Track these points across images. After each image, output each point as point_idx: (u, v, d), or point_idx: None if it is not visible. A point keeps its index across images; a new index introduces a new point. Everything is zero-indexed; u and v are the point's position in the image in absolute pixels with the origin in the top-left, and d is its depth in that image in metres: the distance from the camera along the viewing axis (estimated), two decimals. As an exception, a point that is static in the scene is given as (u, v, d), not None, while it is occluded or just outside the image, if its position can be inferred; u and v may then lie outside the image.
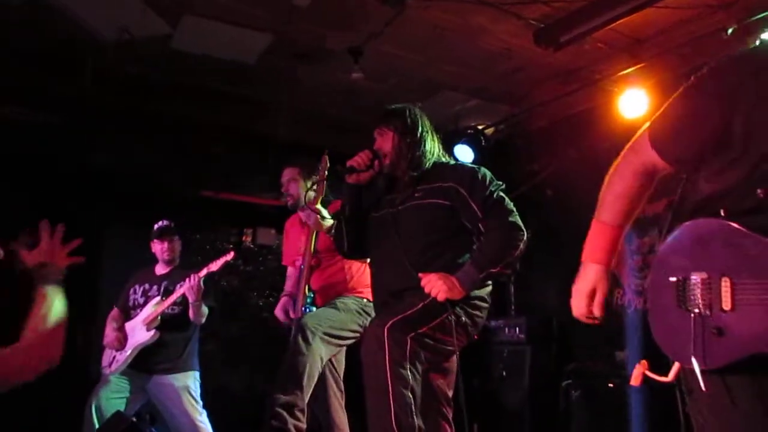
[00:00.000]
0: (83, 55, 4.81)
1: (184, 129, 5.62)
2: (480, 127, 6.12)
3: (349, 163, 2.78)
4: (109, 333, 4.17)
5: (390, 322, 2.42)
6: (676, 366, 1.48)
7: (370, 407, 2.44)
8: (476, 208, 2.60)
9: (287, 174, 3.62)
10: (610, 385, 4.55)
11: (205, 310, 4.12)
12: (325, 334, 3.08)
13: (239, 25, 4.50)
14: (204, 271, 4.00)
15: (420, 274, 2.54)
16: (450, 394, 2.74)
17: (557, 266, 3.04)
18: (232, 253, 4.09)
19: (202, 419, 4.13)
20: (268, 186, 5.93)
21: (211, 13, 4.36)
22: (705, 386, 1.41)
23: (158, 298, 4.19)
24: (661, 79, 4.75)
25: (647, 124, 1.65)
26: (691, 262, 1.47)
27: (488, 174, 2.69)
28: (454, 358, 2.71)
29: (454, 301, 2.52)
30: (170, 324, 4.14)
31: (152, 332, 4.05)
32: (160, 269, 4.38)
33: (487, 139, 6.15)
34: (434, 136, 2.84)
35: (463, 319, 2.59)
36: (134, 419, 3.83)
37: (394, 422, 2.31)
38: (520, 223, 2.64)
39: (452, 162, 2.86)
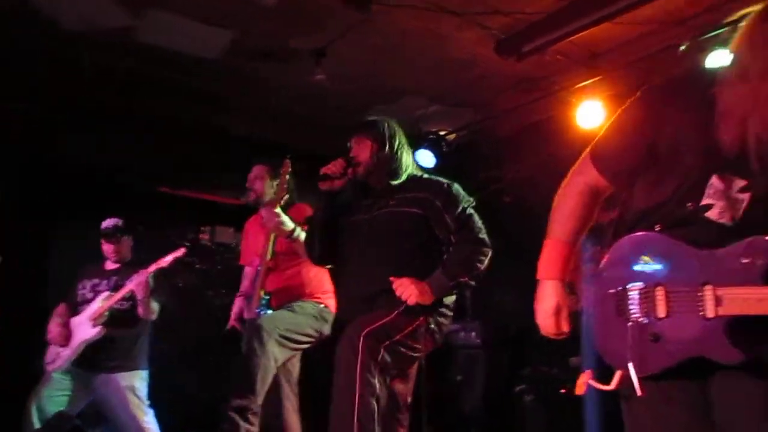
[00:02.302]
0: (40, 45, 4.71)
1: (142, 123, 5.53)
2: (442, 133, 6.19)
3: (323, 171, 2.84)
4: (53, 329, 4.05)
5: (366, 330, 2.50)
6: (618, 374, 1.54)
7: (335, 408, 2.51)
8: (450, 222, 2.73)
9: (256, 171, 3.63)
10: (563, 390, 4.64)
11: (155, 306, 4.04)
12: (281, 336, 3.08)
13: (203, 21, 4.47)
14: (153, 267, 3.92)
15: (392, 278, 2.61)
16: (409, 400, 2.78)
17: (514, 271, 3.12)
18: (183, 249, 4.03)
19: (148, 420, 4.05)
20: (228, 183, 5.89)
21: (174, 8, 4.32)
22: (641, 391, 1.48)
23: (107, 294, 4.09)
24: (618, 92, 4.87)
25: (590, 146, 1.75)
26: (628, 273, 1.56)
27: (461, 190, 2.82)
28: (417, 363, 2.80)
29: (425, 307, 2.61)
30: (119, 320, 4.05)
31: (98, 328, 3.95)
32: (111, 265, 4.29)
33: (449, 144, 6.23)
34: (408, 149, 2.94)
35: (432, 326, 2.69)
36: (78, 420, 3.75)
37: (356, 427, 2.38)
38: (487, 239, 2.78)
39: (425, 175, 2.95)
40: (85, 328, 3.99)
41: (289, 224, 3.15)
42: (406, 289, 2.58)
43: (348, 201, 2.94)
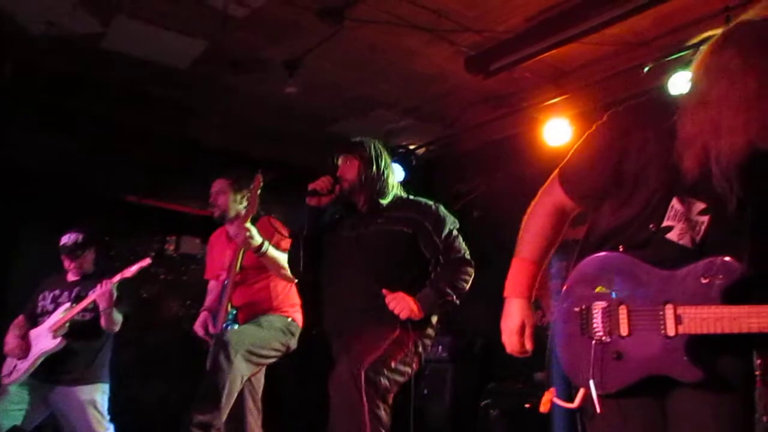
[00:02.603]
0: (5, 46, 4.63)
1: (110, 130, 5.46)
2: (411, 147, 6.23)
3: (311, 186, 2.88)
4: (11, 340, 3.91)
5: (366, 363, 2.56)
6: (581, 392, 1.57)
7: None
8: (438, 242, 2.82)
9: (217, 185, 3.56)
10: (528, 405, 4.67)
11: (118, 317, 3.92)
12: (248, 351, 3.04)
13: (173, 30, 4.44)
14: (117, 277, 3.83)
15: (384, 291, 2.68)
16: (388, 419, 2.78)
17: (483, 286, 3.17)
18: (148, 260, 3.93)
19: None
20: (195, 194, 5.83)
21: (144, 16, 4.29)
22: (600, 408, 1.51)
23: (68, 305, 3.97)
24: (584, 110, 4.97)
25: (558, 168, 1.79)
26: (593, 293, 1.59)
27: (447, 212, 2.92)
28: None
29: (415, 329, 2.68)
30: (80, 332, 3.93)
31: (58, 340, 3.82)
32: (73, 276, 4.18)
33: (418, 158, 6.27)
34: (393, 169, 3.02)
35: (420, 348, 2.77)
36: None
37: None
38: (471, 259, 2.88)
39: (411, 196, 3.04)
40: (44, 339, 3.88)
41: (258, 239, 3.12)
42: (400, 303, 2.64)
43: (332, 218, 2.99)
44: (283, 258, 3.25)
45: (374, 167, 2.90)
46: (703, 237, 1.49)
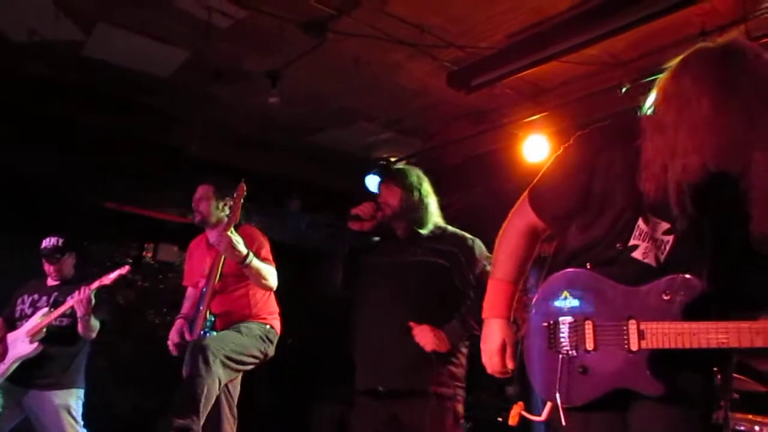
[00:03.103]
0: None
1: (91, 137, 5.43)
2: (392, 159, 6.27)
3: (354, 211, 2.99)
4: None
5: None
6: (548, 405, 1.60)
7: None
8: (472, 277, 2.89)
9: (200, 191, 3.56)
10: (500, 419, 4.70)
11: (95, 324, 3.93)
12: (226, 357, 3.03)
13: (156, 39, 4.45)
14: (96, 284, 3.83)
15: (411, 324, 2.77)
16: None
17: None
18: (127, 267, 3.96)
19: None
20: (175, 202, 5.82)
21: (127, 24, 4.30)
22: (565, 421, 1.56)
23: (46, 310, 3.98)
24: (562, 128, 5.04)
25: (527, 190, 1.83)
26: (560, 308, 1.64)
27: (483, 247, 2.95)
28: None
29: (442, 360, 2.80)
30: (57, 337, 3.93)
31: (35, 345, 3.82)
32: (52, 281, 4.18)
33: (398, 171, 6.30)
34: (434, 198, 3.09)
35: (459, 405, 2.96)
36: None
37: None
38: None
39: (450, 228, 3.08)
40: (21, 344, 3.86)
41: (243, 249, 3.12)
42: (425, 337, 2.73)
43: (370, 242, 3.08)
44: (265, 268, 3.26)
45: (415, 195, 2.98)
46: (667, 256, 1.54)
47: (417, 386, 2.77)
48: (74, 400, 3.99)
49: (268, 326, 3.38)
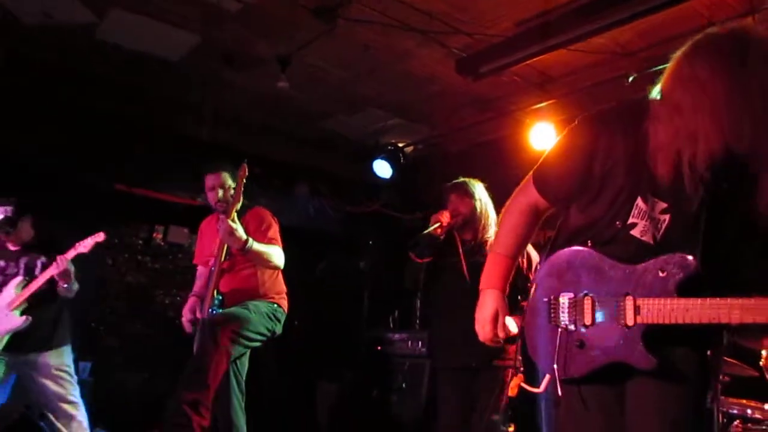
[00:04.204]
0: None
1: (102, 120, 5.50)
2: (400, 145, 6.32)
3: (435, 218, 3.39)
4: None
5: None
6: (546, 378, 1.67)
7: None
8: (531, 276, 3.24)
9: (216, 179, 3.57)
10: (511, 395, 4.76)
11: (74, 286, 3.96)
12: (234, 332, 3.10)
13: (167, 23, 4.50)
14: (72, 253, 3.84)
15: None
16: None
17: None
18: (102, 234, 3.94)
19: (75, 393, 3.98)
20: (184, 184, 5.89)
21: (139, 8, 4.34)
22: (561, 392, 1.62)
23: (20, 279, 3.97)
24: (569, 116, 5.06)
25: (533, 170, 1.89)
26: (561, 284, 1.70)
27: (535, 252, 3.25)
28: None
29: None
30: (38, 303, 3.95)
31: (24, 318, 3.86)
32: (13, 246, 4.11)
33: (406, 157, 6.35)
34: (492, 208, 3.52)
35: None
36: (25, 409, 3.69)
37: None
38: None
39: None
40: (10, 318, 3.88)
41: (243, 236, 3.18)
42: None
43: (439, 245, 3.46)
44: (267, 251, 3.32)
45: (482, 205, 3.47)
46: (663, 234, 1.59)
47: (484, 363, 3.21)
48: (66, 356, 4.04)
49: (275, 305, 3.44)
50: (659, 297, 1.52)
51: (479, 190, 3.53)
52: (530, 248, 3.38)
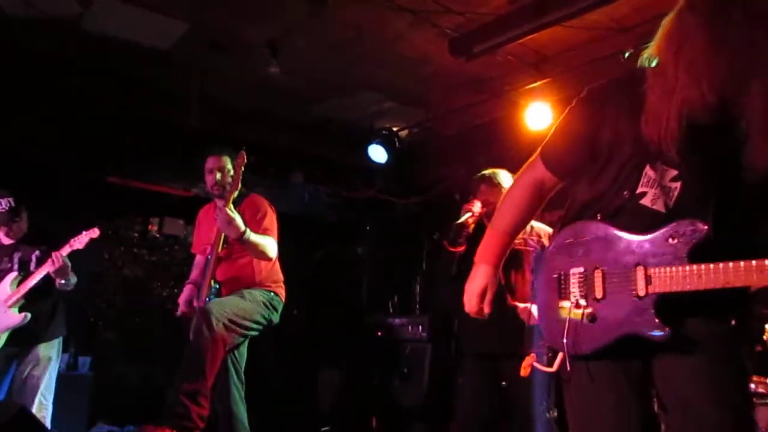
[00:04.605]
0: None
1: (91, 111, 5.42)
2: (395, 129, 6.26)
3: (467, 207, 3.57)
4: None
5: None
6: (560, 356, 1.63)
7: None
8: None
9: (216, 161, 3.53)
10: (504, 383, 4.75)
11: (72, 280, 3.94)
12: (230, 321, 3.07)
13: (154, 11, 4.42)
14: (67, 249, 3.82)
15: (515, 303, 3.42)
16: None
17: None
18: (96, 230, 3.92)
19: (51, 388, 3.96)
20: (178, 175, 5.83)
21: (126, -4, 4.27)
22: (570, 369, 1.58)
23: (15, 275, 3.95)
24: (565, 96, 5.01)
25: (541, 146, 1.85)
26: (571, 259, 1.66)
27: None
28: None
29: None
30: (34, 298, 3.93)
31: (22, 315, 3.84)
32: (8, 239, 4.10)
33: (401, 141, 6.30)
34: None
35: None
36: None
37: None
38: None
39: (531, 224, 3.55)
40: (9, 315, 3.86)
41: (241, 226, 3.14)
42: (528, 313, 3.23)
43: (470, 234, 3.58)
44: (262, 242, 3.27)
45: None
46: (675, 202, 1.55)
47: (511, 350, 3.29)
48: (56, 349, 4.04)
49: (272, 293, 3.41)
50: (671, 265, 1.48)
51: (507, 180, 3.64)
52: (549, 234, 3.51)
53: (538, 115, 5.09)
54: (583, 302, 1.60)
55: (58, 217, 4.39)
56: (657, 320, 1.48)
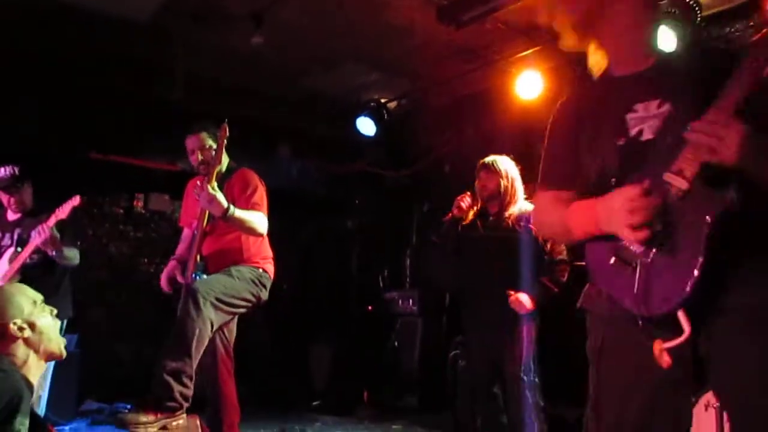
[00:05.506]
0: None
1: (73, 87, 5.29)
2: (383, 101, 6.16)
3: (459, 201, 3.74)
4: None
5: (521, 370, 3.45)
6: (681, 314, 1.39)
7: None
8: (547, 248, 3.63)
9: (195, 141, 3.42)
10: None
11: (71, 253, 3.91)
12: (217, 299, 3.01)
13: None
14: (53, 220, 3.75)
15: (510, 291, 3.49)
16: None
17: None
18: (78, 198, 3.83)
19: (49, 373, 3.92)
20: (163, 150, 5.73)
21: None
22: (688, 328, 1.39)
23: (12, 250, 3.92)
24: (557, 64, 4.94)
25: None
26: (612, 243, 1.54)
27: None
28: None
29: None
30: (33, 274, 3.87)
31: None
32: (12, 215, 4.11)
33: (390, 113, 6.21)
34: (521, 183, 3.73)
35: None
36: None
37: None
38: (568, 259, 3.62)
39: (530, 209, 3.64)
40: None
41: (224, 203, 3.05)
42: (518, 304, 3.47)
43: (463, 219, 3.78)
44: (249, 218, 3.19)
45: (509, 181, 3.67)
46: (662, 126, 1.52)
47: (507, 331, 3.51)
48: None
49: (260, 270, 3.34)
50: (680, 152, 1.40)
51: (506, 167, 3.72)
52: None
53: (529, 84, 5.01)
54: (648, 255, 1.45)
55: (41, 196, 4.28)
56: (714, 190, 1.35)
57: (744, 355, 1.39)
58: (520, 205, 3.72)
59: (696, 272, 1.35)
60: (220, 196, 3.03)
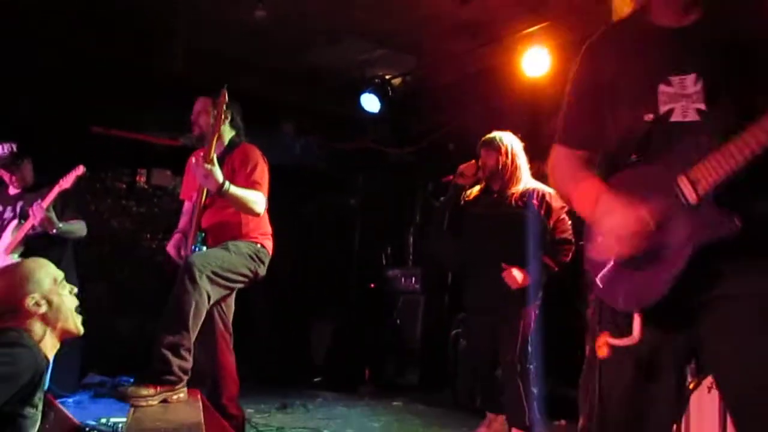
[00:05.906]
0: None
1: (73, 61, 5.23)
2: (387, 77, 6.09)
3: (461, 169, 3.74)
4: None
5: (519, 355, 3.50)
6: (636, 318, 1.45)
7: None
8: (550, 225, 3.62)
9: (199, 104, 3.41)
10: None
11: (76, 226, 3.97)
12: (213, 273, 2.98)
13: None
14: (55, 192, 3.80)
15: (504, 265, 3.51)
16: None
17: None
18: (81, 167, 3.87)
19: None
20: (165, 125, 5.68)
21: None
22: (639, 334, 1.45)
23: (15, 223, 3.97)
24: (565, 40, 4.86)
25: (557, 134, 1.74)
26: None
27: (559, 199, 3.26)
28: None
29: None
30: (36, 246, 3.91)
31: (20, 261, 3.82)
32: (14, 189, 4.16)
33: (394, 89, 6.15)
34: (524, 160, 3.74)
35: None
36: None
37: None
38: (573, 239, 3.61)
39: (535, 185, 3.72)
40: (7, 263, 3.81)
41: (219, 178, 3.01)
42: (512, 278, 3.49)
43: (464, 193, 3.82)
44: (245, 196, 3.14)
45: (509, 159, 3.67)
46: (707, 103, 1.43)
47: (506, 306, 3.55)
48: None
49: (258, 245, 3.31)
50: (703, 158, 1.36)
51: (508, 143, 3.71)
52: (552, 195, 3.58)
53: (536, 61, 4.94)
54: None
55: (43, 170, 4.27)
56: (723, 215, 1.34)
57: (750, 341, 1.37)
58: (525, 182, 3.70)
59: (665, 288, 1.40)
60: (216, 171, 2.98)
